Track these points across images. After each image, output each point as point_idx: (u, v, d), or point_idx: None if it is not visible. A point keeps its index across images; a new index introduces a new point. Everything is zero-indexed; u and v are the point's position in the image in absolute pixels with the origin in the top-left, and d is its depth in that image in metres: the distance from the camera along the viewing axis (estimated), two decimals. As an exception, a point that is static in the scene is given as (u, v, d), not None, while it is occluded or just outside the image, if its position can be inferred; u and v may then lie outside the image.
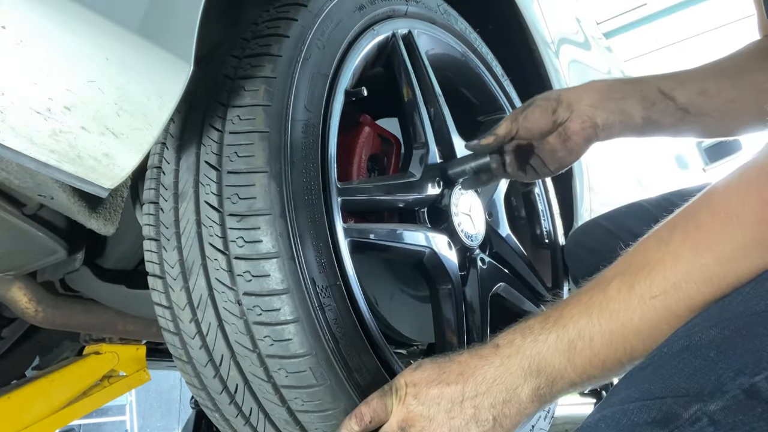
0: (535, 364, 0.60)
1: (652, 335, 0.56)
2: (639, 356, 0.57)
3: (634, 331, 0.56)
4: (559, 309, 0.61)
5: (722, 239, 0.53)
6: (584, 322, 0.58)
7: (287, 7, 0.86)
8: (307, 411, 0.74)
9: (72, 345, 1.71)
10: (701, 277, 0.54)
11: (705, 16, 6.74)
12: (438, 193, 1.04)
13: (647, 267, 0.57)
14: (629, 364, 0.58)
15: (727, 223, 0.53)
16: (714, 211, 0.55)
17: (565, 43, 1.80)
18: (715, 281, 0.54)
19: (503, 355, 0.62)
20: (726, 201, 0.54)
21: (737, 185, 0.55)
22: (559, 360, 0.59)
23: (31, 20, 0.51)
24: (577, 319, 0.59)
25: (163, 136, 0.81)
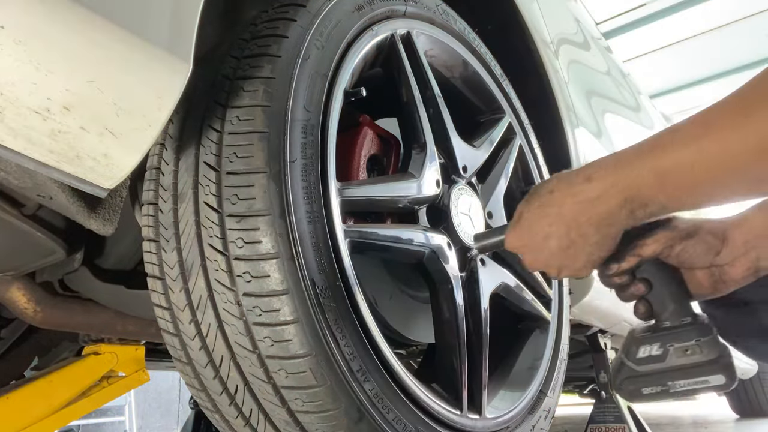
0: (629, 192, 0.66)
1: (744, 177, 0.58)
2: (740, 190, 0.61)
3: (727, 169, 0.58)
4: (654, 141, 0.64)
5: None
6: (679, 154, 0.61)
7: (286, 7, 0.86)
8: (308, 412, 0.74)
9: (71, 345, 1.71)
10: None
11: (705, 16, 6.75)
12: (437, 193, 1.04)
13: (757, 103, 0.56)
14: (726, 196, 0.62)
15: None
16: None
17: (565, 44, 1.80)
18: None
19: (598, 189, 0.68)
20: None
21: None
22: (653, 188, 0.64)
23: (31, 20, 0.51)
24: (672, 152, 0.62)
25: (162, 137, 0.81)
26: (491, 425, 0.99)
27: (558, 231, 0.73)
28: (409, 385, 0.83)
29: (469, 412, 0.95)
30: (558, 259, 0.75)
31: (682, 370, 0.70)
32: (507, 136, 1.31)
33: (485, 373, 1.02)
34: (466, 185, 1.12)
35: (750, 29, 6.86)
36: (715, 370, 0.69)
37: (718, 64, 7.58)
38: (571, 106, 1.60)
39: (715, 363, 0.69)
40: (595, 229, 0.70)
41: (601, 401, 2.10)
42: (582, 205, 0.70)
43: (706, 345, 0.69)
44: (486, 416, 0.98)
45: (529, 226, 0.77)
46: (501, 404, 1.08)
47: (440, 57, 1.20)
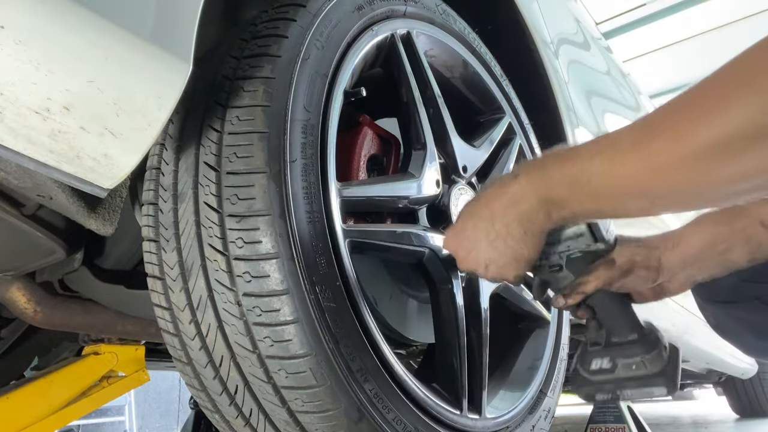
0: (546, 193, 0.70)
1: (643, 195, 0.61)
2: (634, 209, 0.65)
3: (626, 186, 0.62)
4: (574, 149, 0.68)
5: (730, 112, 0.52)
6: (586, 165, 0.65)
7: (286, 7, 0.86)
8: (308, 412, 0.74)
9: (71, 345, 1.71)
10: (706, 154, 0.54)
11: (705, 16, 6.75)
12: (437, 193, 1.04)
13: (661, 127, 0.59)
14: (623, 212, 0.66)
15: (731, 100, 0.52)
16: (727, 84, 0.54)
17: (565, 43, 1.80)
18: (725, 166, 0.53)
19: (520, 184, 0.73)
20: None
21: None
22: (564, 193, 0.68)
23: (31, 20, 0.51)
24: (583, 162, 0.66)
25: (162, 137, 0.81)
26: (491, 425, 0.99)
27: (486, 224, 0.77)
28: (409, 385, 0.83)
29: (469, 412, 0.95)
30: (486, 254, 0.78)
31: (630, 381, 0.77)
32: (507, 136, 1.31)
33: (485, 373, 1.02)
34: (466, 185, 1.12)
35: (750, 29, 6.86)
36: (658, 382, 0.75)
37: (718, 64, 7.57)
38: (571, 106, 1.60)
39: (659, 376, 0.75)
40: (518, 224, 0.74)
41: (601, 401, 2.10)
42: (508, 200, 0.74)
43: (649, 361, 0.76)
44: (486, 416, 0.98)
45: (462, 224, 0.81)
46: (501, 404, 1.08)
47: (440, 57, 1.20)
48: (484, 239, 0.77)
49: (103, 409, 4.91)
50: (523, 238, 0.75)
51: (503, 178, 0.77)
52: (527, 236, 0.75)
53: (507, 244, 0.76)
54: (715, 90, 0.56)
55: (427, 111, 1.06)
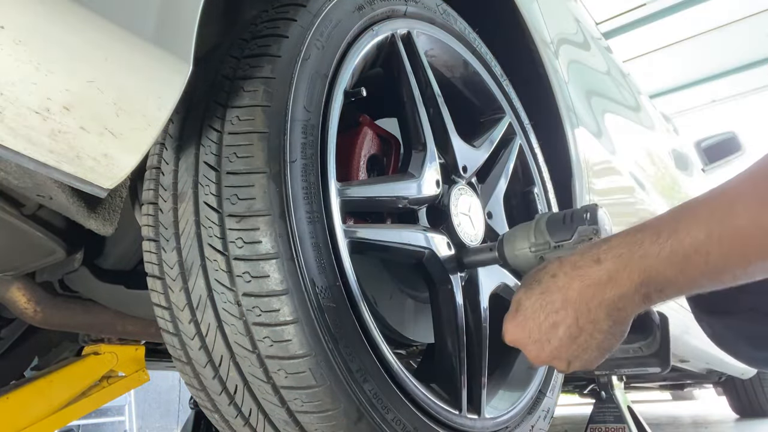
0: (645, 276, 0.62)
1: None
2: (759, 275, 0.58)
3: (757, 253, 0.56)
4: (674, 221, 0.61)
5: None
6: (702, 238, 0.58)
7: (286, 7, 0.86)
8: (307, 412, 0.74)
9: (71, 345, 1.71)
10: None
11: (705, 16, 6.75)
12: (437, 193, 1.04)
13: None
14: (746, 279, 0.59)
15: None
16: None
17: (565, 44, 1.80)
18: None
19: (609, 270, 0.64)
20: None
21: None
22: (671, 272, 0.61)
23: (31, 20, 0.51)
24: (696, 234, 0.58)
25: (162, 137, 0.81)
26: (490, 425, 0.99)
27: (566, 318, 0.67)
28: (409, 385, 0.83)
29: (468, 412, 0.95)
30: (567, 351, 0.69)
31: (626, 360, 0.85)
32: (507, 136, 1.31)
33: (484, 373, 1.02)
34: (466, 185, 1.12)
35: (750, 29, 6.86)
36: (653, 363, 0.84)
37: (718, 64, 7.59)
38: (571, 106, 1.60)
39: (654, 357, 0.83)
40: (606, 314, 0.66)
41: (601, 401, 2.10)
42: (591, 288, 0.65)
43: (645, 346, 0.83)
44: (485, 416, 0.98)
45: (532, 316, 0.70)
46: (500, 404, 1.08)
47: (440, 57, 1.20)
48: (566, 335, 0.68)
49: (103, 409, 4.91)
50: (611, 329, 0.67)
51: (578, 262, 0.67)
52: (616, 325, 0.67)
53: (593, 337, 0.67)
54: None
55: (427, 111, 1.06)
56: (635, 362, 0.83)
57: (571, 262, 0.68)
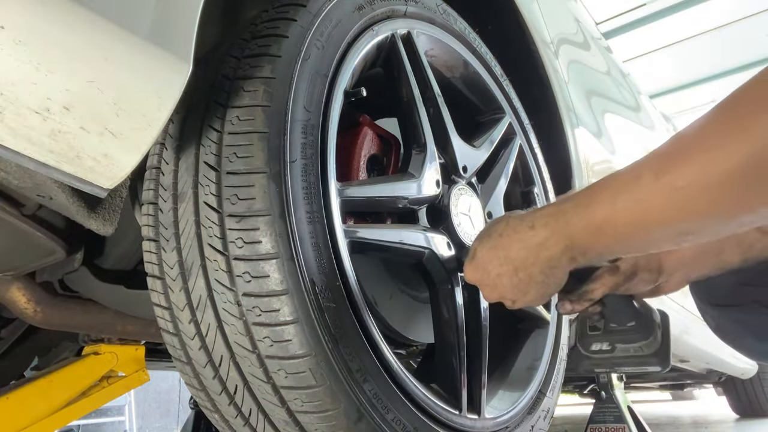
0: (569, 241, 0.71)
1: (674, 226, 0.61)
2: (664, 242, 0.65)
3: (655, 221, 0.61)
4: (591, 194, 0.69)
5: (756, 133, 0.51)
6: (610, 209, 0.65)
7: (286, 7, 0.86)
8: (307, 412, 0.74)
9: (71, 345, 1.71)
10: (725, 177, 0.54)
11: (705, 16, 6.75)
12: (437, 193, 1.04)
13: (677, 157, 0.59)
14: (653, 247, 0.68)
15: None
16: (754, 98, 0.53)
17: (565, 44, 1.80)
18: (743, 189, 0.53)
19: (538, 235, 0.74)
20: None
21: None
22: (589, 240, 0.69)
23: (31, 20, 0.51)
24: (606, 206, 0.66)
25: (162, 137, 0.81)
26: (490, 425, 0.99)
27: (507, 271, 0.78)
28: (409, 385, 0.83)
29: (468, 412, 0.95)
30: (511, 293, 0.81)
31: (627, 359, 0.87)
32: (507, 136, 1.31)
33: (484, 373, 1.02)
34: (466, 185, 1.12)
35: (750, 29, 6.86)
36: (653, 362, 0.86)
37: (718, 64, 7.59)
38: (571, 106, 1.60)
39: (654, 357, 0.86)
40: (539, 270, 0.76)
41: (601, 401, 2.10)
42: (527, 250, 0.75)
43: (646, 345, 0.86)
44: (485, 416, 0.98)
45: (482, 265, 0.82)
46: (500, 404, 1.08)
47: (441, 57, 1.20)
48: (508, 283, 0.79)
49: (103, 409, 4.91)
50: (546, 281, 0.77)
51: (517, 226, 0.77)
52: (550, 279, 0.77)
53: (531, 286, 0.78)
54: (732, 116, 0.55)
55: (427, 111, 1.06)
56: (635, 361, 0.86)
57: (512, 225, 0.78)
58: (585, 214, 0.68)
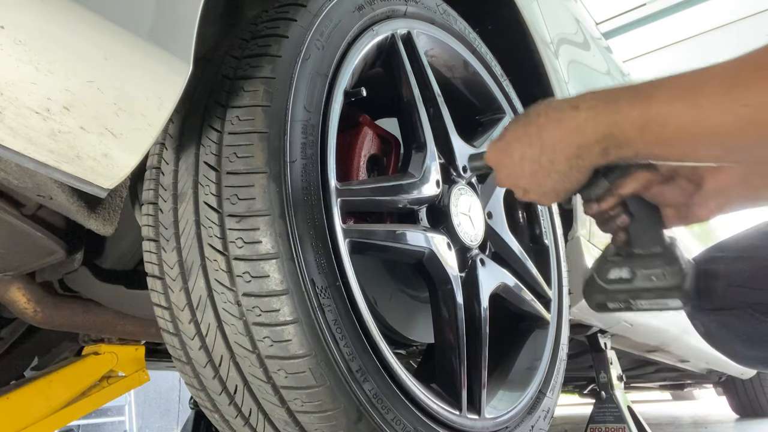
0: (610, 129, 0.67)
1: (722, 144, 0.59)
2: (707, 155, 0.63)
3: (708, 131, 0.59)
4: (652, 87, 0.65)
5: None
6: (666, 108, 0.62)
7: (286, 7, 0.86)
8: (307, 412, 0.74)
9: (71, 345, 1.71)
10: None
11: (705, 16, 6.75)
12: (437, 193, 1.04)
13: (753, 74, 0.57)
14: (694, 157, 0.64)
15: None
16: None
17: (565, 44, 1.80)
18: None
19: (581, 117, 0.69)
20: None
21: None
22: (632, 132, 0.65)
23: (31, 20, 0.51)
24: (662, 104, 0.63)
25: (162, 137, 0.81)
26: (490, 425, 0.99)
27: (532, 153, 0.74)
28: (409, 385, 0.83)
29: (468, 412, 0.95)
30: (526, 181, 0.77)
31: (647, 291, 0.78)
32: (507, 137, 1.31)
33: (484, 373, 1.02)
34: (466, 185, 1.12)
35: (750, 29, 6.86)
36: (674, 295, 0.77)
37: (719, 64, 7.57)
38: (571, 106, 1.60)
39: (676, 289, 0.77)
40: (566, 158, 0.71)
41: (601, 401, 2.10)
42: (562, 131, 0.71)
43: (670, 273, 0.77)
44: (485, 416, 0.98)
45: (508, 144, 0.78)
46: (500, 404, 1.08)
47: (441, 57, 1.20)
48: (528, 167, 0.75)
49: (103, 409, 4.91)
50: (566, 172, 0.73)
51: (559, 106, 0.73)
52: (572, 171, 0.72)
53: (551, 177, 0.74)
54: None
55: (427, 111, 1.06)
56: (656, 293, 0.77)
57: (555, 105, 0.74)
58: (639, 105, 0.65)
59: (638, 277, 0.78)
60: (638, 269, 0.78)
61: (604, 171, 0.76)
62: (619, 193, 0.78)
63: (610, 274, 0.80)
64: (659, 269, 0.77)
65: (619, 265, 0.80)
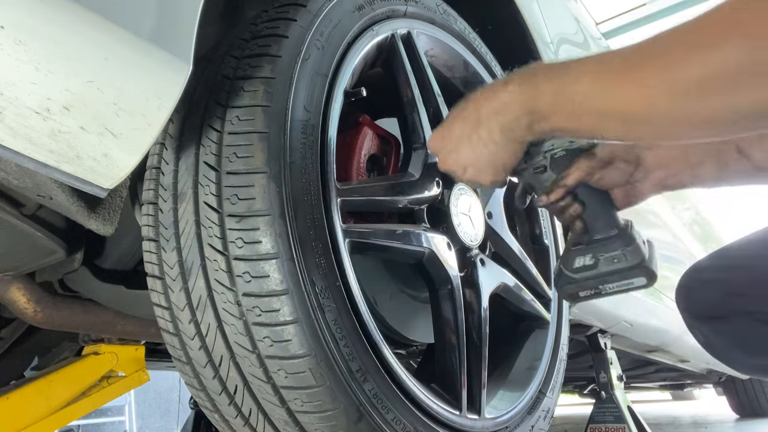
0: (532, 104, 0.71)
1: (623, 120, 0.63)
2: (612, 131, 0.66)
3: (610, 108, 0.63)
4: (564, 66, 0.69)
5: (722, 51, 0.53)
6: (574, 83, 0.66)
7: (286, 7, 0.86)
8: (307, 412, 0.74)
9: (71, 345, 1.71)
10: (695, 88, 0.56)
11: (704, 17, 6.74)
12: (437, 193, 1.04)
13: (654, 56, 0.60)
14: (602, 132, 0.68)
15: (733, 33, 0.53)
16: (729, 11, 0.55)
17: (565, 44, 1.80)
18: (709, 100, 0.55)
19: (509, 91, 0.73)
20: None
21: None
22: (549, 108, 0.70)
23: (31, 20, 0.51)
24: (571, 80, 0.67)
25: (162, 137, 0.81)
26: (490, 425, 0.99)
27: (471, 128, 0.78)
28: (409, 385, 0.83)
29: (468, 412, 0.95)
30: (465, 157, 0.80)
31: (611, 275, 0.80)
32: (507, 136, 1.31)
33: (484, 373, 1.02)
34: (466, 185, 1.12)
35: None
36: (637, 273, 0.79)
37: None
38: (571, 106, 1.60)
39: (637, 267, 0.79)
40: (500, 131, 0.75)
41: (601, 401, 2.10)
42: (495, 107, 0.75)
43: (629, 253, 0.79)
44: (485, 416, 0.98)
45: (449, 126, 0.82)
46: (500, 404, 1.08)
47: (441, 57, 1.20)
48: (467, 142, 0.79)
49: (103, 409, 4.91)
50: (503, 144, 0.77)
51: (495, 84, 0.78)
52: (507, 143, 0.76)
53: (488, 148, 0.78)
54: (712, 26, 0.56)
55: (427, 111, 1.06)
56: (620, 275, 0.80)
57: (490, 85, 0.79)
58: (551, 81, 0.69)
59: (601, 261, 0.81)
60: (600, 254, 0.81)
61: (551, 164, 0.81)
62: (565, 183, 0.82)
63: (575, 263, 0.83)
64: (619, 251, 0.80)
65: (582, 253, 0.82)
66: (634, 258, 0.79)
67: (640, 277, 0.80)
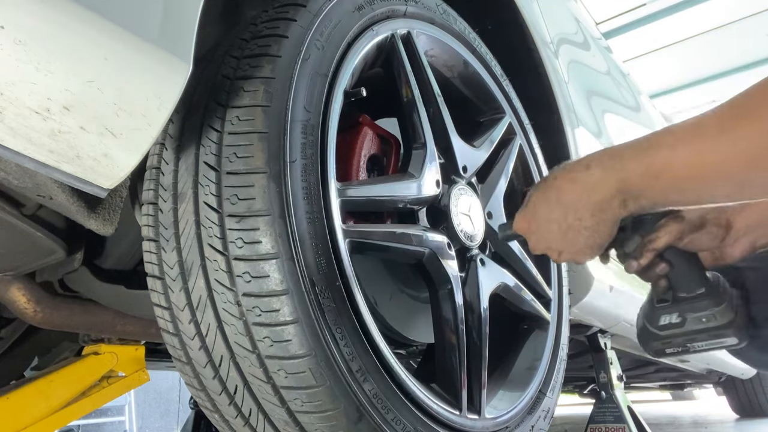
0: (622, 184, 0.71)
1: (731, 181, 0.62)
2: (720, 194, 0.65)
3: (714, 171, 0.62)
4: (650, 139, 0.69)
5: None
6: (669, 155, 0.65)
7: (286, 7, 0.86)
8: (307, 412, 0.74)
9: (71, 345, 1.71)
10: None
11: (705, 16, 6.74)
12: (437, 193, 1.04)
13: (750, 113, 0.59)
14: (709, 198, 0.67)
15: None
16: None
17: (565, 44, 1.80)
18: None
19: (595, 176, 0.73)
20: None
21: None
22: (643, 184, 0.69)
23: (31, 20, 0.51)
24: (665, 151, 0.66)
25: (162, 137, 0.81)
26: (490, 425, 0.99)
27: (558, 215, 0.77)
28: (409, 385, 0.83)
29: (469, 412, 0.95)
30: (558, 243, 0.80)
31: (700, 333, 0.78)
32: (507, 136, 1.31)
33: (484, 373, 1.02)
34: (466, 185, 1.12)
35: (750, 29, 6.86)
36: (729, 333, 0.77)
37: (718, 64, 7.58)
38: (571, 106, 1.60)
39: (729, 327, 0.77)
40: (590, 214, 0.75)
41: (601, 401, 2.10)
42: (580, 190, 0.74)
43: (719, 313, 0.78)
44: (485, 416, 0.98)
45: (533, 210, 0.81)
46: (500, 404, 1.08)
47: (440, 57, 1.20)
48: (556, 229, 0.78)
49: (103, 409, 4.91)
50: (595, 227, 0.76)
51: (573, 167, 0.77)
52: (600, 225, 0.76)
53: (580, 234, 0.77)
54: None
55: (427, 111, 1.06)
56: (710, 334, 0.78)
57: (568, 167, 0.78)
58: (643, 157, 0.68)
59: (689, 320, 0.79)
60: (687, 313, 0.79)
61: (634, 225, 0.79)
62: (654, 247, 0.79)
63: (660, 320, 0.81)
64: (708, 310, 0.78)
65: (668, 311, 0.81)
66: (723, 318, 0.78)
67: (731, 337, 0.78)
